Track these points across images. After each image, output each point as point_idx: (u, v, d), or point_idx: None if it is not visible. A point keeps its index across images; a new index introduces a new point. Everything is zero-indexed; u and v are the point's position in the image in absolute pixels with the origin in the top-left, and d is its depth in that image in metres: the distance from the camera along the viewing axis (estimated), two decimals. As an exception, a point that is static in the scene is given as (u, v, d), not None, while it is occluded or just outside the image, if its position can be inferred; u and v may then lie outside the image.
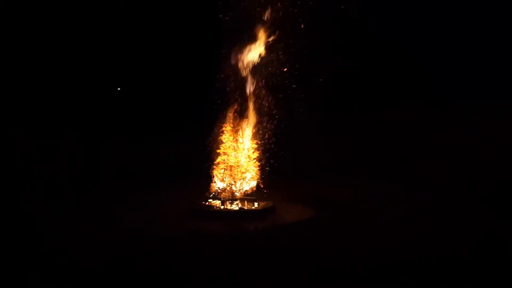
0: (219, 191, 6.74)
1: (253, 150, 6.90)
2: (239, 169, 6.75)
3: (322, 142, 10.29)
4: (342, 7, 7.63)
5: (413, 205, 6.41)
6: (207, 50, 7.76)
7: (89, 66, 10.96)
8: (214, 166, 6.87)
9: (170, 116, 10.87)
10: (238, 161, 6.82)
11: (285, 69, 6.78)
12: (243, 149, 6.89)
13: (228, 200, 6.52)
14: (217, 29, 6.61)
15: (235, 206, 6.43)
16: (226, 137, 6.90)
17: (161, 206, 6.77)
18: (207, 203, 6.57)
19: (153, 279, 3.75)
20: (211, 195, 6.73)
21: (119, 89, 11.86)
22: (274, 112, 6.92)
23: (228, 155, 6.82)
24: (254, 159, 6.88)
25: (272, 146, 7.10)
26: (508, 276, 3.77)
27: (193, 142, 8.99)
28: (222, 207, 6.44)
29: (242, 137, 6.94)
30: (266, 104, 6.89)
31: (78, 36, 10.71)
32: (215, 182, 6.82)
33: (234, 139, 6.91)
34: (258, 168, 6.88)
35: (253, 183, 6.83)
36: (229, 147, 6.86)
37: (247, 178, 6.79)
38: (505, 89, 10.71)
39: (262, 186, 6.89)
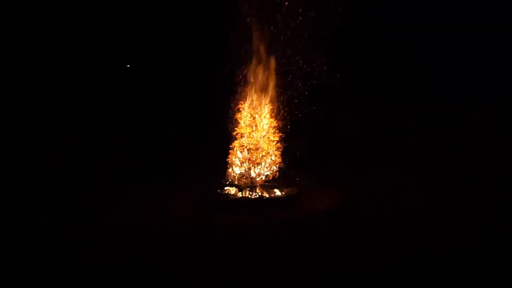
0: (236, 177, 6.05)
1: (274, 131, 6.16)
2: (258, 152, 6.04)
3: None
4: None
5: (413, 205, 6.40)
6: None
7: (88, 64, 10.93)
8: (230, 150, 6.18)
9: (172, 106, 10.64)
10: (257, 143, 6.08)
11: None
12: (263, 129, 6.13)
13: (247, 187, 5.89)
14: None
15: (254, 194, 5.79)
16: (243, 115, 6.15)
17: (168, 199, 6.39)
18: (223, 192, 5.94)
19: (153, 280, 3.74)
20: (227, 182, 6.09)
21: (128, 66, 11.61)
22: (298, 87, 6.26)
23: (245, 136, 6.06)
24: (275, 140, 6.15)
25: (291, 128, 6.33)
26: (508, 276, 3.77)
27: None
28: (239, 195, 5.82)
29: (261, 116, 6.17)
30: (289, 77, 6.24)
31: (77, 35, 10.69)
32: (231, 167, 6.10)
33: (252, 118, 6.14)
34: (279, 151, 6.17)
35: (274, 168, 6.16)
36: (247, 127, 6.11)
37: (268, 163, 6.05)
38: (505, 89, 10.69)
39: (284, 168, 6.11)
